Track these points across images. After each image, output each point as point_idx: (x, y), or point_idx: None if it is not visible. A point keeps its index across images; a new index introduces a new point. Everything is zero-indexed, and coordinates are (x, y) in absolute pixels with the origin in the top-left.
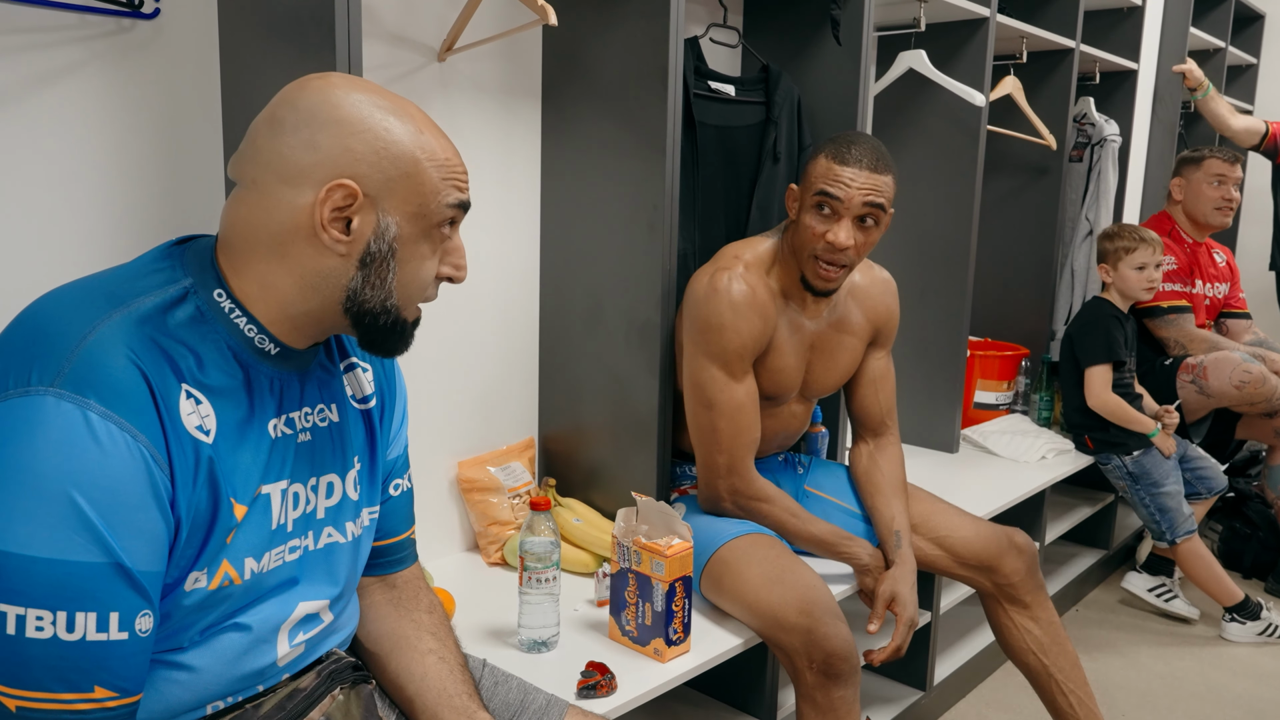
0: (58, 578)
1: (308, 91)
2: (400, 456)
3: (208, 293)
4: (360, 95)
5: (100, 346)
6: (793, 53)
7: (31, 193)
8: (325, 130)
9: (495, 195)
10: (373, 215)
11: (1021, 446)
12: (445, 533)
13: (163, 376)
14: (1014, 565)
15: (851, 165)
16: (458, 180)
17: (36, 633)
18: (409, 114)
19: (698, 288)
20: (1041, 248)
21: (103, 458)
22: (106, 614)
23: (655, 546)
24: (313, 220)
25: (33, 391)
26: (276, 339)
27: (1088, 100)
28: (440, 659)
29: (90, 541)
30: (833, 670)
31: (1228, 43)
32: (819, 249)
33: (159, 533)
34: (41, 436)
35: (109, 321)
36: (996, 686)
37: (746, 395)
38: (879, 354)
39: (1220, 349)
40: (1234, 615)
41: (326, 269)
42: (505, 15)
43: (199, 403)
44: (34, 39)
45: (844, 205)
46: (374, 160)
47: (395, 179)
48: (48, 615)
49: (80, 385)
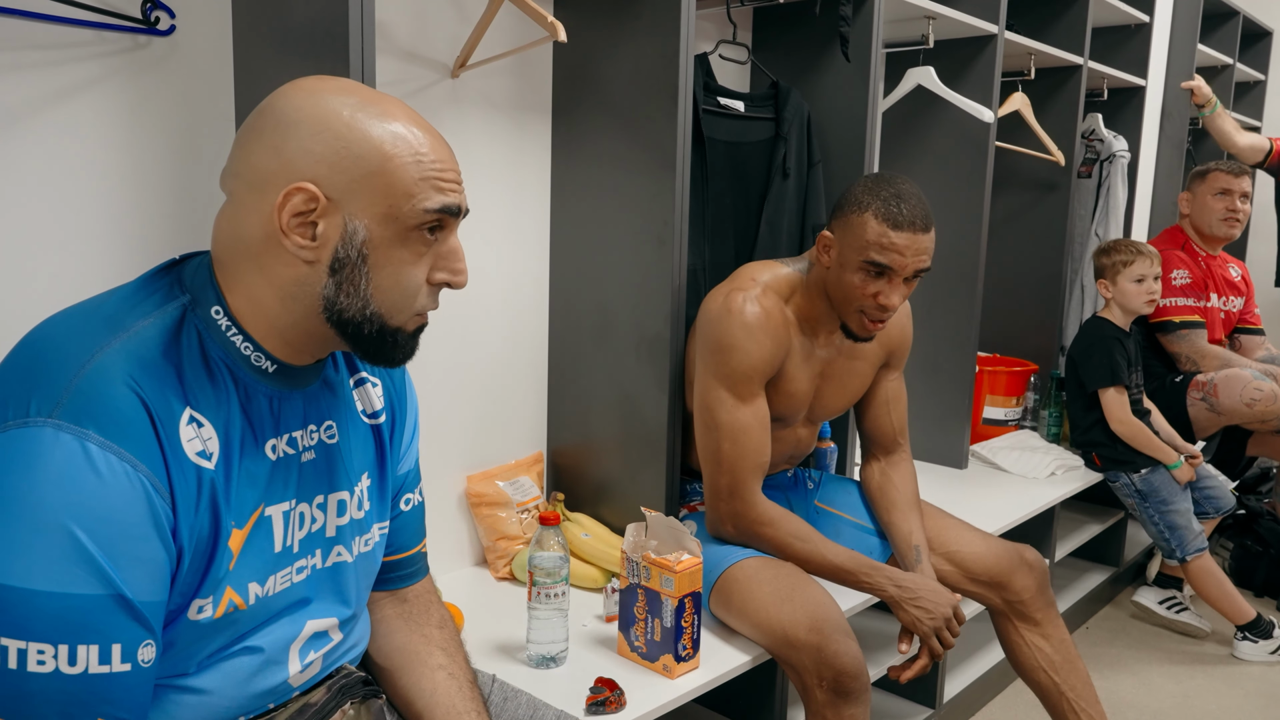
0: (59, 611)
1: (280, 95)
2: (411, 471)
3: (205, 310)
4: (332, 96)
5: (99, 375)
6: (802, 69)
7: (48, 207)
8: (288, 133)
9: (505, 210)
10: (338, 219)
11: (1030, 463)
12: (454, 547)
13: (163, 402)
14: (1024, 582)
15: (905, 230)
16: (440, 181)
17: (38, 666)
18: (386, 112)
19: (712, 307)
20: (1050, 263)
21: (102, 489)
22: (109, 646)
23: (664, 562)
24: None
25: (32, 423)
26: (273, 356)
27: (1096, 116)
28: (450, 675)
29: (91, 574)
30: (843, 688)
31: (1235, 59)
32: (867, 306)
33: (160, 562)
34: (40, 468)
35: (108, 349)
36: (1007, 704)
37: (753, 418)
38: (892, 375)
39: (1231, 365)
40: (1246, 634)
41: (299, 277)
42: (516, 32)
43: (201, 426)
44: (52, 55)
45: (897, 273)
46: (334, 161)
47: (359, 179)
48: (49, 649)
49: (79, 416)
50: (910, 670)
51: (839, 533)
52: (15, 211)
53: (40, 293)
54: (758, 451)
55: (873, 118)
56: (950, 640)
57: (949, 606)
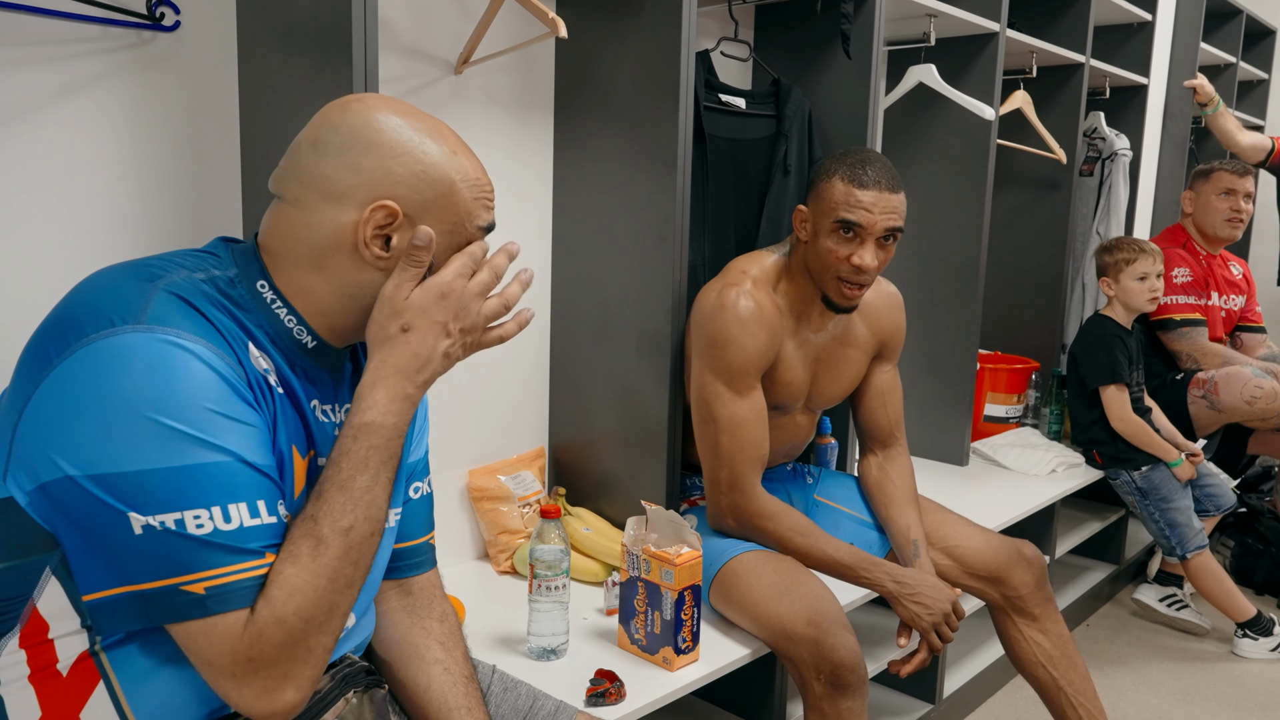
0: (197, 480)
1: (349, 115)
2: (421, 460)
3: (251, 284)
4: (398, 119)
5: (169, 295)
6: (803, 66)
7: (53, 202)
8: (367, 153)
9: (508, 206)
10: (410, 233)
11: (1031, 460)
12: (455, 541)
13: (229, 329)
14: (1023, 577)
15: (871, 189)
16: (486, 200)
17: (197, 529)
18: (444, 137)
19: (705, 303)
20: (1052, 261)
21: (201, 369)
22: (254, 502)
23: (665, 555)
24: (355, 237)
25: (120, 330)
26: (315, 334)
27: (1098, 115)
28: (445, 670)
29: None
30: (840, 681)
31: (1238, 58)
32: (843, 271)
33: (262, 428)
34: (140, 363)
35: (172, 280)
36: (1006, 700)
37: (750, 410)
38: (885, 367)
39: (1232, 363)
40: (1246, 631)
41: (366, 281)
42: (518, 29)
43: (265, 352)
44: (57, 51)
45: (867, 231)
46: (412, 183)
47: (432, 200)
48: (204, 513)
49: (162, 321)
50: (909, 665)
51: (838, 526)
52: (20, 206)
53: (45, 287)
54: (756, 444)
55: (874, 115)
56: (949, 635)
57: (947, 602)
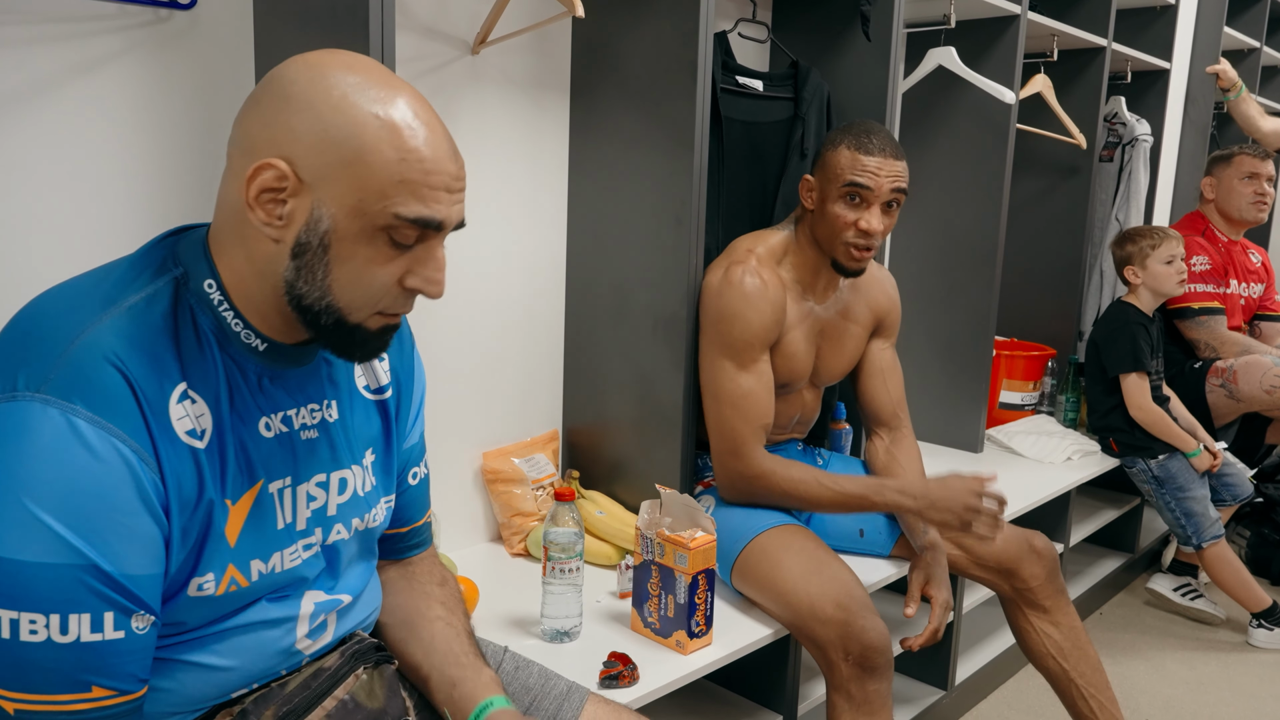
0: (47, 581)
1: (287, 65)
2: (416, 445)
3: (199, 283)
4: (333, 73)
5: (88, 351)
6: (822, 48)
7: (69, 180)
8: (281, 105)
9: (523, 188)
10: (307, 201)
11: (1047, 447)
12: (469, 523)
13: (151, 380)
14: (1033, 570)
15: (876, 154)
16: (425, 189)
17: (30, 636)
18: (385, 99)
19: (712, 281)
20: (1070, 248)
21: (91, 462)
22: (100, 614)
23: (679, 539)
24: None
25: (20, 397)
26: (263, 335)
27: (1119, 100)
28: (447, 624)
29: (80, 546)
30: (869, 663)
31: (1263, 43)
32: (851, 236)
33: (153, 536)
34: (28, 442)
35: (97, 325)
36: (1018, 688)
37: (757, 382)
38: (883, 345)
39: (1251, 352)
40: (1261, 621)
41: (267, 254)
42: (534, 8)
43: (193, 403)
44: (74, 28)
45: (874, 194)
46: (313, 142)
47: (334, 166)
48: (40, 619)
49: (67, 391)
50: (921, 638)
51: None
52: (38, 183)
53: (60, 265)
54: (761, 414)
55: (893, 98)
56: (992, 523)
57: (967, 494)
